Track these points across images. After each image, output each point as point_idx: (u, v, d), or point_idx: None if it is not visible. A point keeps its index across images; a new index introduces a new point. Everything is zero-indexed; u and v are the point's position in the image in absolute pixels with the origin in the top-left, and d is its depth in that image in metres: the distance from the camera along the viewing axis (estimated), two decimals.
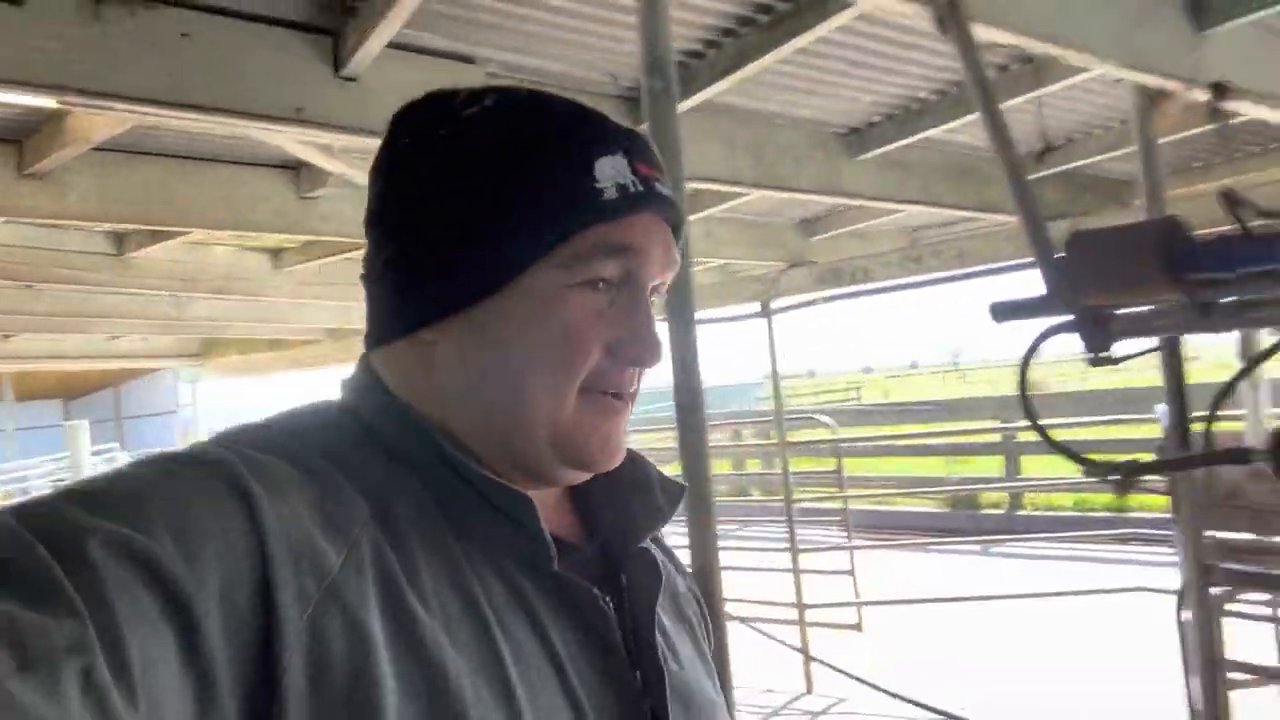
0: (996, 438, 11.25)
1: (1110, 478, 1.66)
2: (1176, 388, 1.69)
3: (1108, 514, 9.57)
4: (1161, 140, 3.37)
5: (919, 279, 5.11)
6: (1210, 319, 1.55)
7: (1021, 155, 1.84)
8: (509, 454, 0.64)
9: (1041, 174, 4.04)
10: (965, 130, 3.48)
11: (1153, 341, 1.83)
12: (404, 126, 0.67)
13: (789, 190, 3.54)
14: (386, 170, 0.67)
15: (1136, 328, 1.69)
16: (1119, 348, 1.75)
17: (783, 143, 3.44)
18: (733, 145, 3.29)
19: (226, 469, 0.52)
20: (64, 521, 0.45)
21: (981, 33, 2.12)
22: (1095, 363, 1.71)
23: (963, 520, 10.01)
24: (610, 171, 0.62)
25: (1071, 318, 1.69)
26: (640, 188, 0.63)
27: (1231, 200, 1.48)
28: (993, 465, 11.53)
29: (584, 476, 0.68)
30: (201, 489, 0.50)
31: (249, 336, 7.69)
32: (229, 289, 4.73)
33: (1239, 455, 1.49)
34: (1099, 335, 1.67)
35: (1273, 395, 4.70)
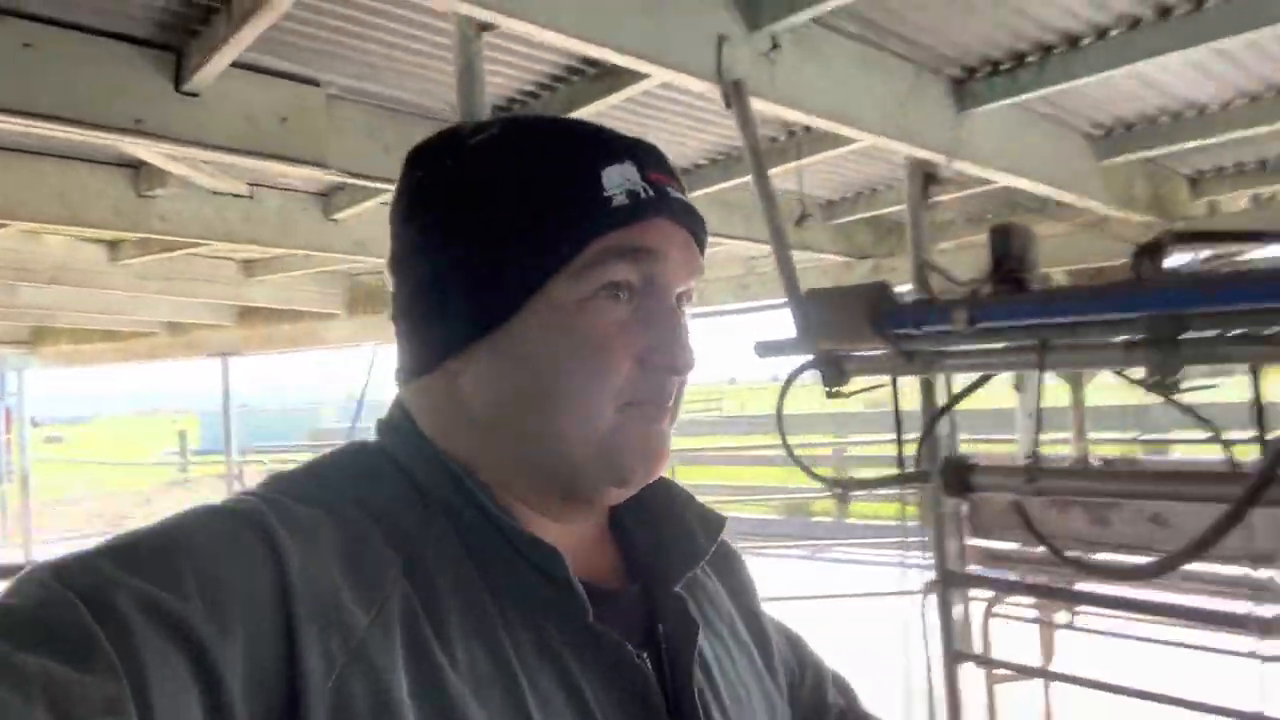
0: (827, 450, 12.02)
1: (835, 490, 2.02)
2: (896, 417, 2.07)
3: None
4: (947, 196, 3.87)
5: (749, 305, 5.55)
6: (913, 364, 1.93)
7: (782, 218, 2.18)
8: (547, 480, 0.63)
9: (851, 219, 4.52)
10: (776, 179, 3.88)
11: (884, 378, 2.21)
12: (415, 164, 0.67)
13: None
14: (400, 210, 0.67)
15: (864, 368, 2.06)
16: (858, 382, 2.11)
17: None
18: None
19: (260, 526, 0.52)
20: (101, 580, 0.45)
21: (767, 109, 2.47)
22: (830, 395, 2.06)
23: (795, 526, 10.66)
24: (618, 179, 0.61)
25: (812, 358, 2.04)
26: (651, 193, 0.62)
27: (924, 270, 1.85)
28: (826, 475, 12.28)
29: (625, 493, 0.66)
30: (234, 547, 0.50)
31: (82, 327, 7.40)
32: (62, 279, 4.62)
33: (919, 476, 1.86)
34: (833, 373, 2.03)
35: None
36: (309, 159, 2.77)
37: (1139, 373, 1.53)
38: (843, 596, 6.10)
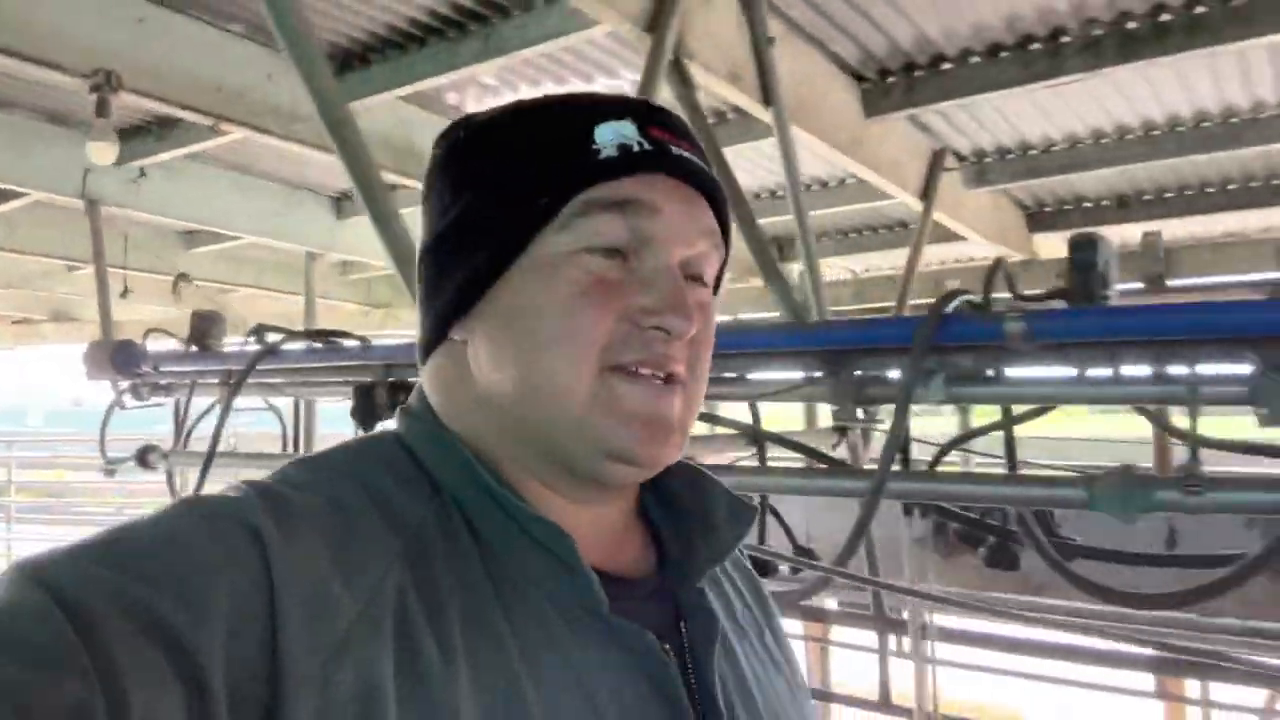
0: None
1: None
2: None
3: None
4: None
5: None
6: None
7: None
8: (544, 453, 0.61)
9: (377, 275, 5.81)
10: None
11: None
12: (436, 145, 0.67)
13: None
14: (424, 190, 0.67)
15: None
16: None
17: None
18: None
19: (242, 516, 0.50)
20: (77, 578, 0.44)
21: (143, 216, 3.64)
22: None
23: None
24: (611, 135, 0.60)
25: None
26: (648, 147, 0.60)
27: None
28: None
29: (629, 471, 0.61)
30: (214, 541, 0.49)
31: None
32: None
33: None
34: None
35: None
36: None
37: None
38: None
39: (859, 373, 1.85)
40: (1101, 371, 1.60)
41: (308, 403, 3.31)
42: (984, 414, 2.10)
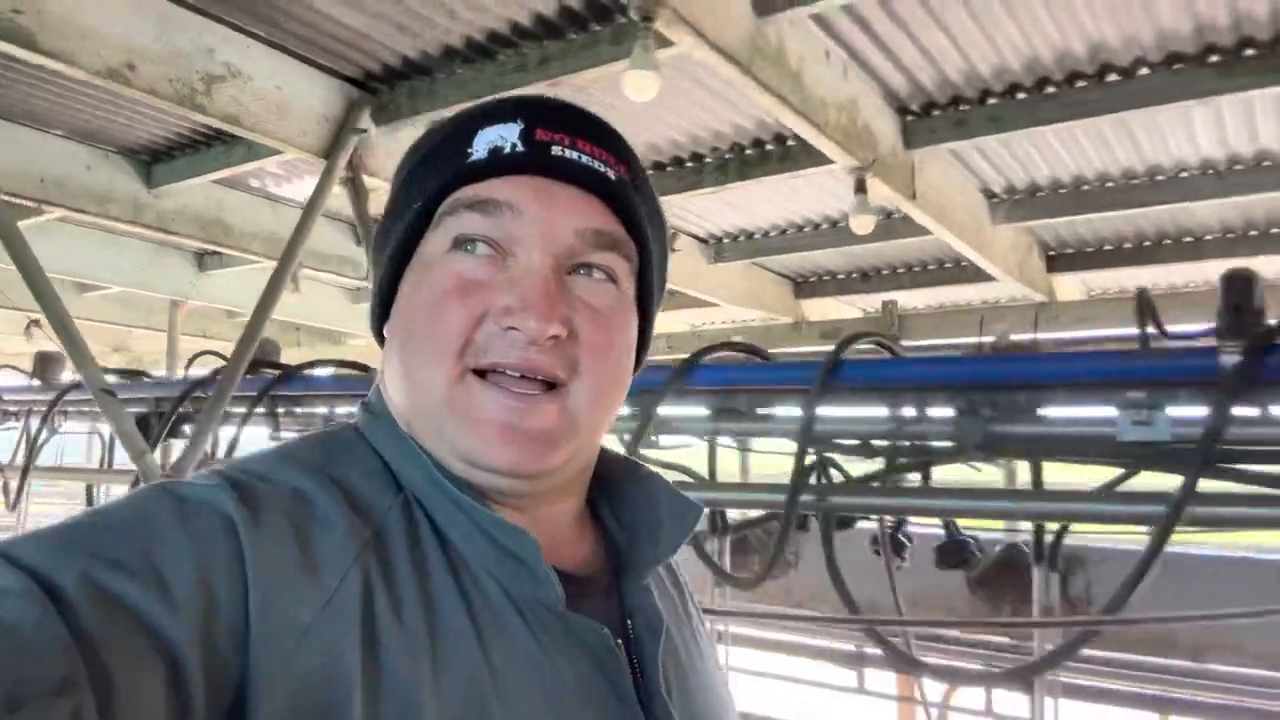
0: None
1: None
2: None
3: None
4: None
5: None
6: None
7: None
8: (445, 459, 0.61)
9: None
10: None
11: None
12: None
13: None
14: None
15: None
16: None
17: None
18: None
19: (214, 503, 0.51)
20: (53, 561, 0.45)
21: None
22: None
23: None
24: (490, 138, 0.61)
25: None
26: (521, 149, 0.60)
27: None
28: None
29: (512, 482, 0.61)
30: (187, 525, 0.49)
31: None
32: None
33: None
34: None
35: None
36: None
37: None
38: None
39: None
40: None
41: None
42: None
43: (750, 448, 2.46)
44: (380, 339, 0.66)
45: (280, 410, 3.01)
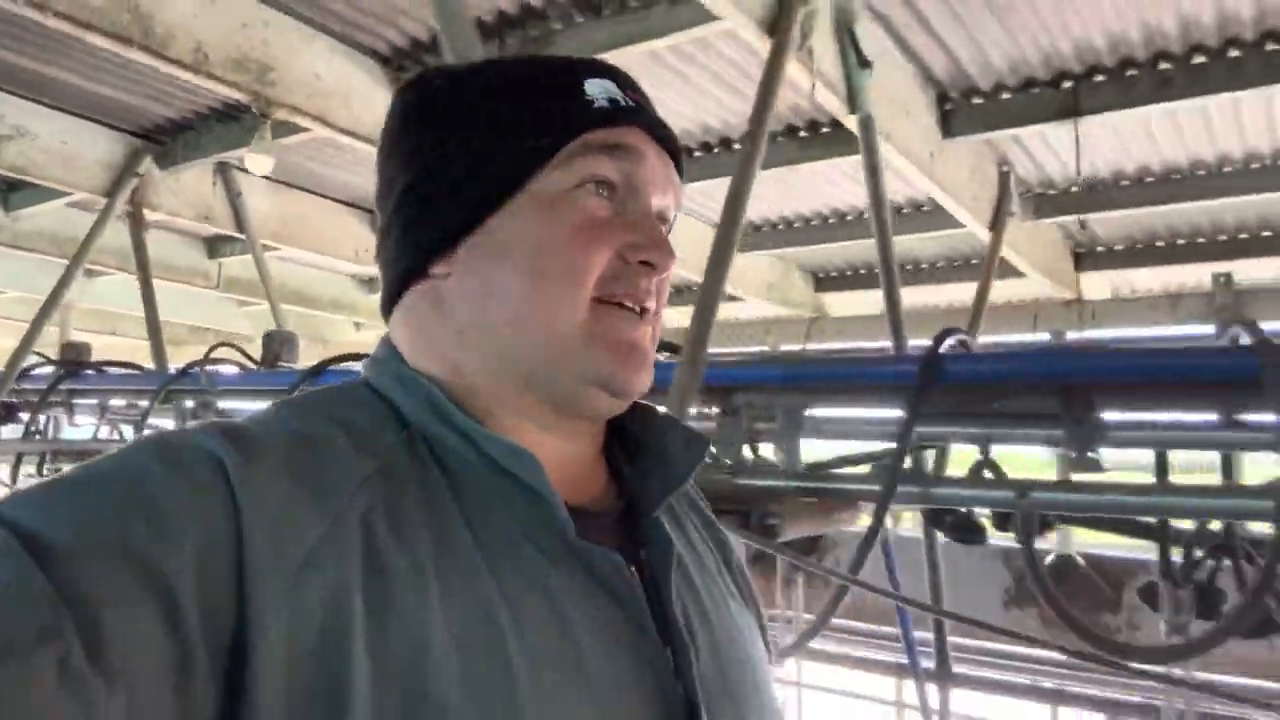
0: None
1: None
2: None
3: None
4: None
5: None
6: None
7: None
8: (532, 384, 0.63)
9: None
10: None
11: None
12: (406, 92, 0.69)
13: None
14: (388, 140, 0.68)
15: None
16: None
17: None
18: None
19: (205, 444, 0.51)
20: (36, 513, 0.45)
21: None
22: None
23: None
24: (599, 89, 0.64)
25: None
26: (630, 103, 0.65)
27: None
28: None
29: (610, 402, 0.64)
30: (177, 467, 0.50)
31: None
32: None
33: None
34: None
35: None
36: None
37: None
38: None
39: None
40: None
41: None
42: None
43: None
44: (397, 294, 0.67)
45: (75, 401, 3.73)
